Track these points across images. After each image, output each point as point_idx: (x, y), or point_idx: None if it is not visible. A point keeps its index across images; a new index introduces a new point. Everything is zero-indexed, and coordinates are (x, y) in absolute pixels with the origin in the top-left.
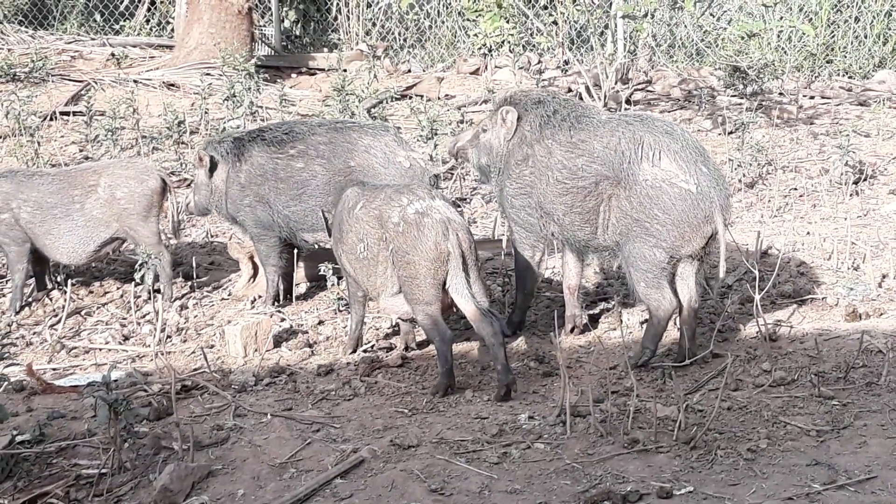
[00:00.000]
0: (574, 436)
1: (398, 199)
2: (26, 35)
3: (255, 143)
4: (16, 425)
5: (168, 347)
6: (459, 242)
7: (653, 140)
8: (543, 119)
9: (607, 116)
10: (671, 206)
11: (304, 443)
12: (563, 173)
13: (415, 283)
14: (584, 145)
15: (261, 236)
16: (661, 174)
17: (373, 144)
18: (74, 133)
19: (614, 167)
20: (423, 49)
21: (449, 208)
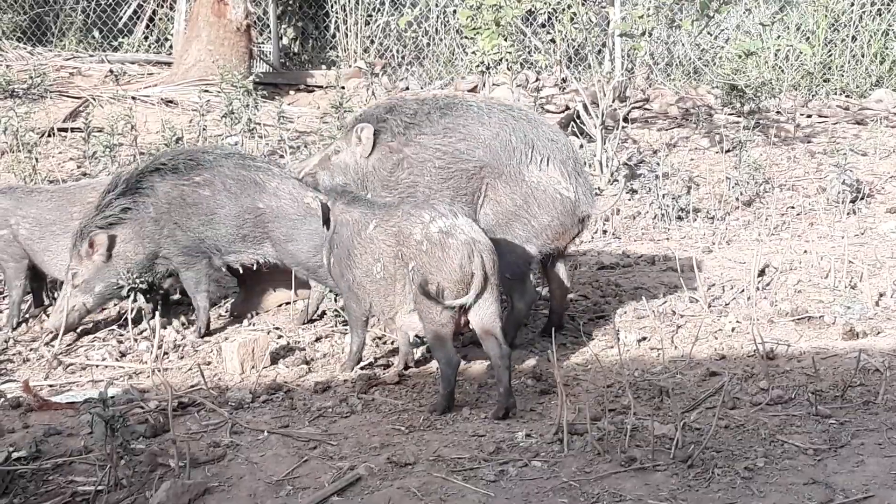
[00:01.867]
0: (571, 454)
1: (419, 215)
2: (25, 51)
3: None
4: (12, 442)
5: (165, 364)
6: (483, 264)
7: (542, 145)
8: (404, 122)
9: (484, 104)
10: (551, 208)
11: (301, 460)
12: (445, 159)
13: (431, 302)
14: (465, 130)
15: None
16: (546, 179)
17: (280, 187)
18: (72, 149)
19: (501, 160)
20: (421, 66)
21: (472, 227)
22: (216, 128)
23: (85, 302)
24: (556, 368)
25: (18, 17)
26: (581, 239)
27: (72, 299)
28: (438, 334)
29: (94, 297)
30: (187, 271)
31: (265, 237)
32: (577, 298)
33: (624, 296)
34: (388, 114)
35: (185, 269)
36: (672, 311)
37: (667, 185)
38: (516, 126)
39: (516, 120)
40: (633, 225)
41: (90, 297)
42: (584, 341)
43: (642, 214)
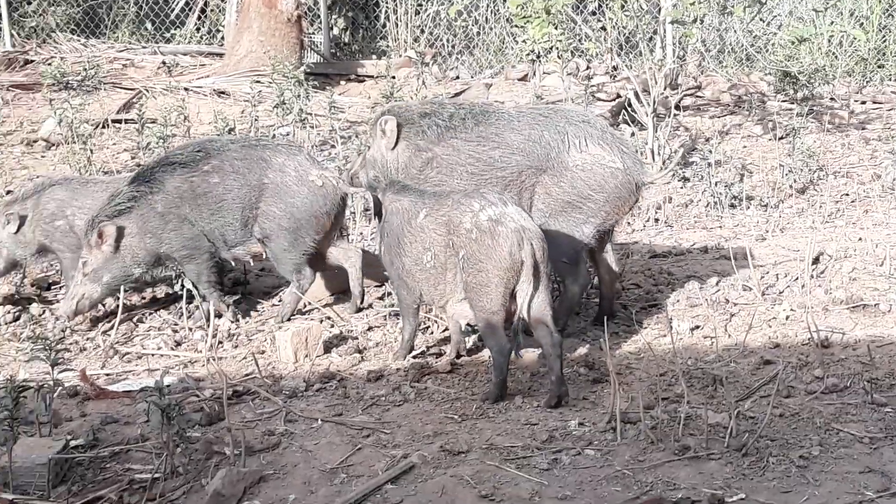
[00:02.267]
0: (624, 442)
1: (469, 204)
2: (79, 44)
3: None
4: (70, 430)
5: (220, 353)
6: (533, 252)
7: (574, 129)
8: (439, 126)
9: (514, 109)
10: (603, 183)
11: (355, 448)
12: (479, 166)
13: (483, 290)
14: (499, 138)
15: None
16: (589, 158)
17: (287, 163)
18: (126, 141)
19: (539, 157)
20: (471, 55)
21: (522, 215)
22: (268, 118)
23: (93, 291)
24: (609, 357)
25: (72, 10)
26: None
27: (81, 287)
28: (490, 322)
29: (102, 287)
30: (189, 264)
31: (260, 214)
32: (629, 287)
33: (676, 284)
34: (422, 116)
35: (188, 262)
36: (725, 299)
37: (719, 173)
38: (546, 120)
39: (544, 115)
40: (686, 213)
41: (98, 286)
42: (637, 330)
43: (695, 202)
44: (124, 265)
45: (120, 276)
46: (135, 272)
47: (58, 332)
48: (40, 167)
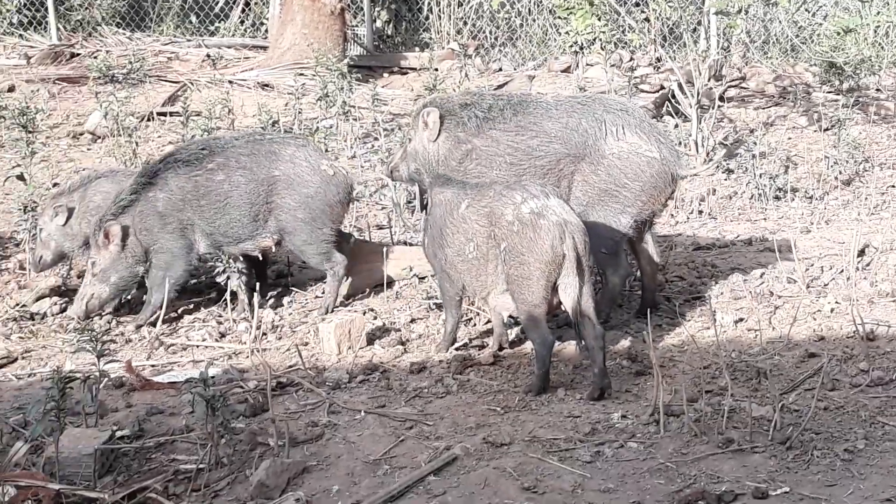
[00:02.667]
0: (668, 435)
1: (510, 196)
2: (124, 37)
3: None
4: (115, 421)
5: (263, 345)
6: (575, 245)
7: (613, 118)
8: (479, 117)
9: (552, 98)
10: (640, 172)
11: (398, 440)
12: (517, 155)
13: (525, 283)
14: (537, 127)
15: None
16: (626, 147)
17: (297, 154)
18: (171, 133)
19: (577, 145)
20: (514, 47)
21: (564, 208)
22: (311, 111)
23: (102, 291)
24: (652, 349)
25: (118, 3)
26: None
27: (90, 288)
28: (532, 315)
29: (110, 287)
30: (156, 270)
31: (275, 208)
32: (672, 279)
33: (720, 276)
34: (462, 108)
35: (156, 269)
36: (770, 291)
37: (764, 165)
38: (584, 109)
39: (583, 104)
40: (730, 205)
41: (106, 286)
42: (680, 322)
43: (739, 194)
44: (129, 264)
45: (127, 276)
46: (139, 271)
47: (104, 324)
48: (86, 160)
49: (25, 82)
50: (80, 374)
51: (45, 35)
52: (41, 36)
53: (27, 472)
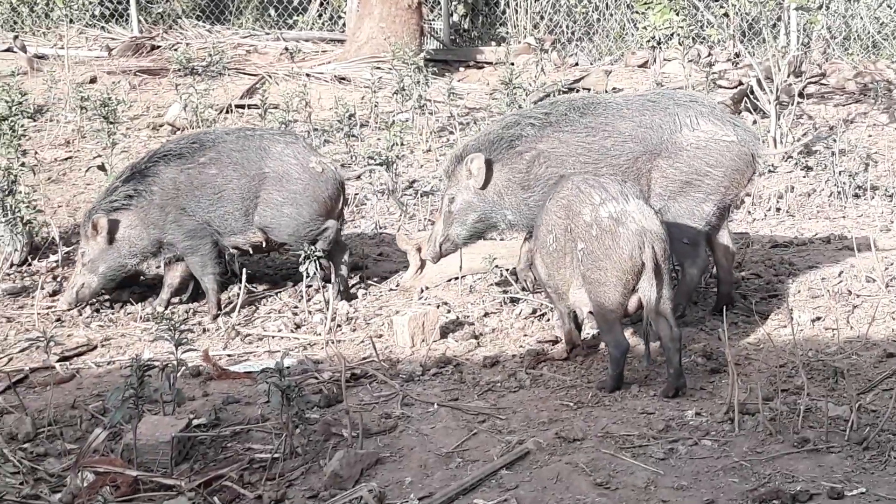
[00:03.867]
0: (742, 433)
1: (589, 194)
2: (203, 30)
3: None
4: (192, 409)
5: (338, 336)
6: (654, 255)
7: (684, 109)
8: (533, 125)
9: (622, 97)
10: (720, 158)
11: (470, 433)
12: (592, 156)
13: (601, 288)
14: (610, 127)
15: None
16: (703, 135)
17: (286, 151)
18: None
19: (652, 141)
20: (590, 42)
21: (643, 213)
22: (387, 104)
23: (91, 281)
24: (728, 347)
25: None
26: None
27: (80, 277)
28: (606, 319)
29: (98, 277)
30: (192, 256)
31: (261, 203)
32: (749, 277)
33: (798, 274)
34: (508, 129)
35: (191, 254)
36: (848, 290)
37: (843, 162)
38: (654, 105)
39: (652, 100)
40: (808, 202)
41: (95, 276)
42: (757, 320)
43: (817, 192)
44: (119, 255)
45: (115, 267)
46: (129, 263)
47: (181, 314)
48: None
49: (107, 74)
50: (158, 362)
51: (126, 27)
52: (122, 28)
53: (106, 459)
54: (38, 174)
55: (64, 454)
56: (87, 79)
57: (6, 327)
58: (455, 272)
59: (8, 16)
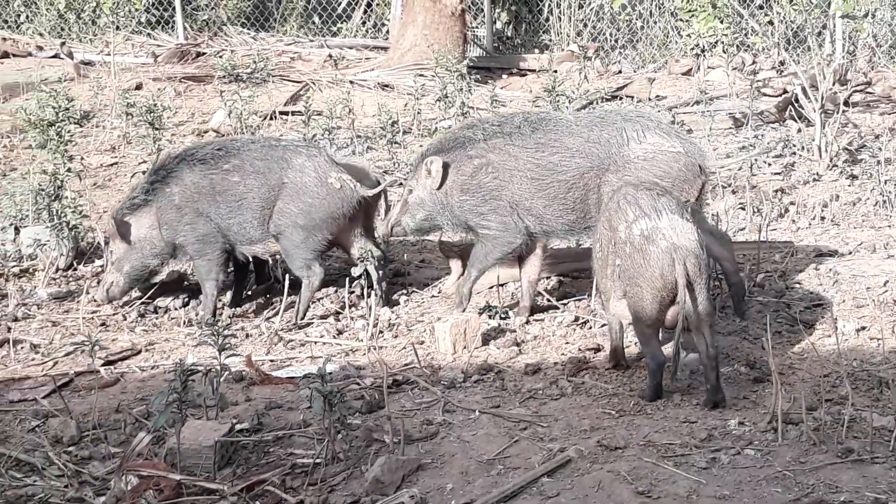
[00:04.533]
0: (786, 443)
1: (625, 210)
2: (248, 37)
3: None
4: (235, 414)
5: (380, 342)
6: (687, 272)
7: (632, 123)
8: (485, 133)
9: (572, 116)
10: (667, 168)
11: (512, 440)
12: (538, 171)
13: (638, 302)
14: (558, 143)
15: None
16: (650, 148)
17: (307, 164)
18: (293, 132)
19: (600, 157)
20: (634, 49)
21: (676, 229)
22: (430, 111)
23: (118, 279)
24: (771, 356)
25: (243, 4)
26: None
27: (109, 276)
28: (643, 333)
29: (124, 277)
30: (200, 259)
31: (277, 212)
32: (793, 286)
33: (842, 284)
34: (465, 130)
35: (199, 258)
36: (893, 300)
37: (889, 171)
38: (602, 120)
39: (601, 116)
40: (853, 211)
41: (120, 276)
42: (801, 329)
43: (863, 201)
44: (141, 256)
45: (139, 266)
46: (151, 263)
47: (225, 319)
48: None
49: (152, 80)
50: (201, 367)
51: (172, 34)
52: (168, 35)
53: (149, 463)
54: (84, 179)
55: (108, 458)
56: (132, 85)
57: (52, 331)
58: (496, 279)
59: (55, 23)
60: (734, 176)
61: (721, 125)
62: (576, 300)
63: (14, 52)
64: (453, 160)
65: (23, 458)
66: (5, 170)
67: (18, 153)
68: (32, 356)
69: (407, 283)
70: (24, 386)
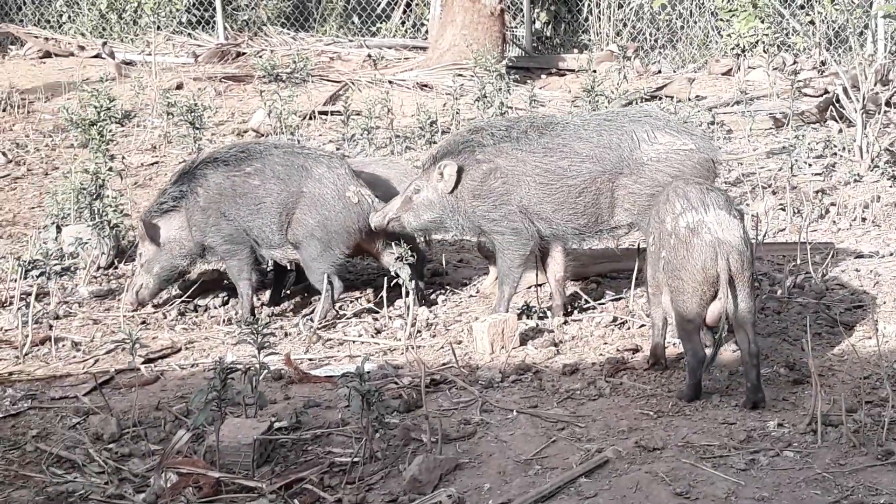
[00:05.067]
0: (825, 445)
1: (673, 203)
2: (288, 37)
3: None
4: (274, 412)
5: (418, 342)
6: (729, 267)
7: (641, 125)
8: (494, 138)
9: (578, 118)
10: (681, 167)
11: (549, 440)
12: (548, 176)
13: (679, 296)
14: (567, 148)
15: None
16: (662, 148)
17: (326, 175)
18: (332, 132)
19: (612, 161)
20: (674, 49)
21: (722, 224)
22: (469, 111)
23: (148, 281)
24: (811, 358)
25: (283, 4)
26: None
27: (138, 278)
28: (684, 328)
29: (154, 279)
30: (231, 260)
31: (294, 222)
32: (833, 287)
33: (883, 285)
34: (474, 133)
35: (229, 258)
36: None
37: None
38: (611, 124)
39: (609, 119)
40: (895, 213)
41: (150, 277)
42: (841, 331)
43: None
44: (171, 257)
45: (168, 268)
46: (181, 264)
47: (263, 318)
48: None
49: (193, 80)
50: (241, 365)
51: (212, 34)
52: (209, 35)
53: (189, 460)
54: (125, 179)
55: (148, 455)
56: (173, 85)
57: (93, 329)
58: (534, 280)
59: (97, 23)
60: (774, 176)
61: (761, 125)
62: (614, 300)
63: (56, 51)
64: (463, 164)
65: (63, 455)
66: (47, 169)
67: (60, 152)
68: (74, 354)
69: (445, 282)
70: (66, 383)
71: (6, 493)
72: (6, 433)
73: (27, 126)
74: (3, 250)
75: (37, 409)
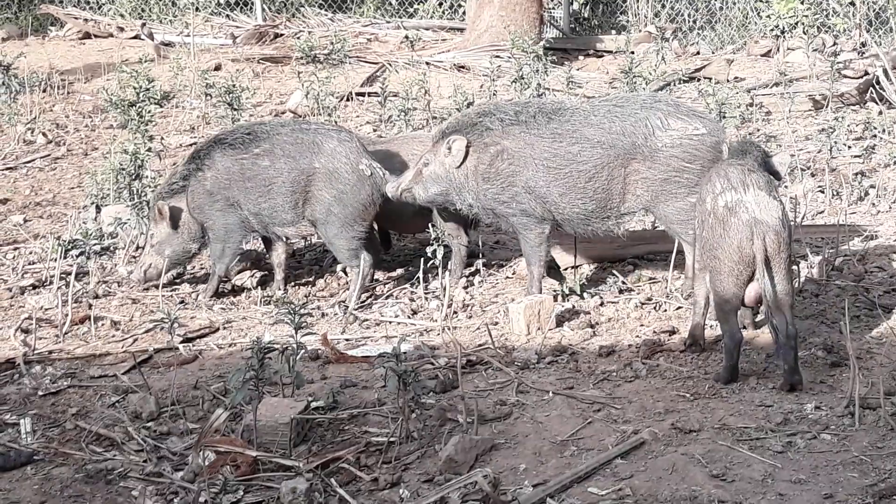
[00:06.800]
0: (863, 428)
1: (714, 182)
2: (326, 18)
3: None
4: (311, 392)
5: (454, 323)
6: (766, 247)
7: (654, 111)
8: (502, 121)
9: (587, 104)
10: (696, 154)
11: (585, 422)
12: (557, 161)
13: (716, 276)
14: (577, 134)
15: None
16: (676, 133)
17: (338, 149)
18: (369, 113)
19: (625, 146)
20: (712, 31)
21: (760, 204)
22: (506, 93)
23: (158, 262)
24: (849, 341)
25: None
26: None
27: (148, 258)
28: (721, 308)
29: (164, 259)
30: (217, 243)
31: (311, 199)
32: (872, 270)
33: None
34: (482, 116)
35: (216, 242)
36: None
37: None
38: (623, 110)
39: (620, 105)
40: None
41: (161, 258)
42: (880, 314)
43: None
44: (182, 241)
45: (180, 251)
46: (193, 248)
47: (301, 298)
48: None
49: (231, 61)
50: (278, 345)
51: (250, 16)
52: (247, 16)
53: (226, 439)
54: (164, 159)
55: (186, 433)
56: (211, 66)
57: (132, 309)
58: (570, 261)
59: (136, 4)
60: (813, 158)
61: (800, 107)
62: (650, 282)
63: (96, 33)
64: (472, 142)
65: (103, 433)
66: (87, 149)
67: (100, 133)
68: (113, 333)
69: (481, 263)
70: (105, 362)
71: (46, 471)
72: (46, 411)
73: (67, 107)
74: (43, 230)
75: (76, 387)
